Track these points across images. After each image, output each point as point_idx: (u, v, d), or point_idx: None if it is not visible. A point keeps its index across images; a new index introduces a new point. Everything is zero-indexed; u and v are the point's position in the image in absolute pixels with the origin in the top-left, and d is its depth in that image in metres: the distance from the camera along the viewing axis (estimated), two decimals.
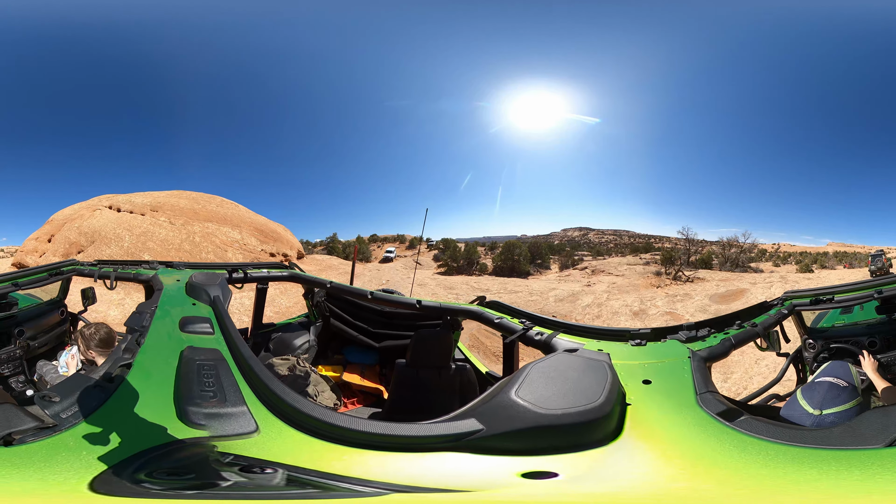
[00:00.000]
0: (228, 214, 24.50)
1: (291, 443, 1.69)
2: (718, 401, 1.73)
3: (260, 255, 22.55)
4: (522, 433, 1.57)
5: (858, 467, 1.33)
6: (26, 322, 3.74)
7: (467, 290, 18.15)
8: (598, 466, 1.49)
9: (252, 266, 3.85)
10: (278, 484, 1.55)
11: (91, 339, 3.00)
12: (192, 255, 19.89)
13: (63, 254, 20.71)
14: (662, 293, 19.58)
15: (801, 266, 34.34)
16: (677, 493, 1.37)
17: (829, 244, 46.49)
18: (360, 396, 4.09)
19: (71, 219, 23.16)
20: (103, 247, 20.15)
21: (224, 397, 1.88)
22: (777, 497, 1.31)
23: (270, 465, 1.60)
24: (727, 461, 1.44)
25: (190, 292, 2.88)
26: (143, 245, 20.16)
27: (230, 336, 2.33)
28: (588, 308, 17.24)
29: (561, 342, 2.34)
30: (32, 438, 1.57)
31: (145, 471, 1.53)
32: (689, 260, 30.76)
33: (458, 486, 1.45)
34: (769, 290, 17.28)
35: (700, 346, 2.23)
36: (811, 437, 1.51)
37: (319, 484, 1.52)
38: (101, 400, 1.80)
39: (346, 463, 1.58)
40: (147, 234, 20.91)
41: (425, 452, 1.58)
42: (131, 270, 3.57)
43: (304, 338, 4.29)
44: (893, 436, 1.41)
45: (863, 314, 3.05)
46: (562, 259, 32.47)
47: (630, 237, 44.75)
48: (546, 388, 1.71)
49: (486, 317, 2.88)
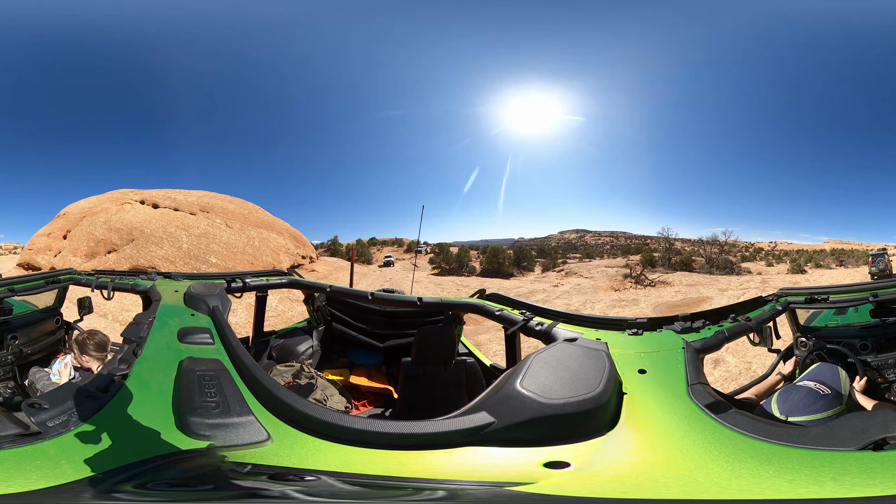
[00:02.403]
0: (268, 220, 24.56)
1: (310, 449, 1.70)
2: (708, 393, 1.79)
3: (297, 258, 22.75)
4: (530, 423, 1.63)
5: (821, 468, 1.38)
6: (20, 328, 3.72)
7: (452, 286, 23.29)
8: (600, 456, 1.55)
9: (250, 274, 3.85)
10: (343, 490, 1.55)
11: (85, 344, 3.00)
12: (255, 259, 19.40)
13: (87, 252, 18.91)
14: (614, 297, 20.31)
15: (793, 266, 33.31)
16: (657, 486, 1.43)
17: (826, 241, 46.63)
18: (370, 398, 4.06)
19: (91, 212, 21.22)
20: (152, 246, 18.46)
21: (228, 407, 1.89)
22: (729, 492, 1.36)
23: (309, 473, 1.60)
24: (704, 453, 1.51)
25: (188, 303, 2.88)
26: (207, 247, 19.07)
27: (231, 345, 2.34)
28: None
29: (561, 332, 2.39)
30: (10, 445, 1.56)
31: (140, 481, 1.52)
32: (671, 261, 30.83)
33: (494, 479, 1.50)
34: (741, 297, 16.59)
35: (694, 337, 2.27)
36: (787, 435, 1.55)
37: (384, 485, 1.54)
38: (94, 410, 1.80)
39: (380, 465, 1.60)
40: (208, 236, 19.83)
41: (447, 448, 1.62)
42: (129, 281, 3.57)
43: (307, 343, 4.28)
44: (867, 440, 1.43)
45: (857, 316, 3.05)
46: (546, 262, 34.11)
47: (627, 239, 44.79)
48: (548, 377, 1.77)
49: (487, 309, 2.91)
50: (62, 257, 19.01)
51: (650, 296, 20.25)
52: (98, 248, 18.99)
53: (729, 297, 17.79)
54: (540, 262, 33.76)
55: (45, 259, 19.27)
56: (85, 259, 18.79)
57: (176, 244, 18.81)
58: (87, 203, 22.59)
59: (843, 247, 42.96)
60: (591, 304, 18.33)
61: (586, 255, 39.57)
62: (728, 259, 34.11)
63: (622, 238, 46.30)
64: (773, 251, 45.77)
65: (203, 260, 18.46)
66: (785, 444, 1.49)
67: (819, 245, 45.75)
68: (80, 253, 19.20)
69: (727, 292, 19.22)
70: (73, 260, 18.57)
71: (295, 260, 22.48)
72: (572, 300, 19.20)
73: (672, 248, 33.72)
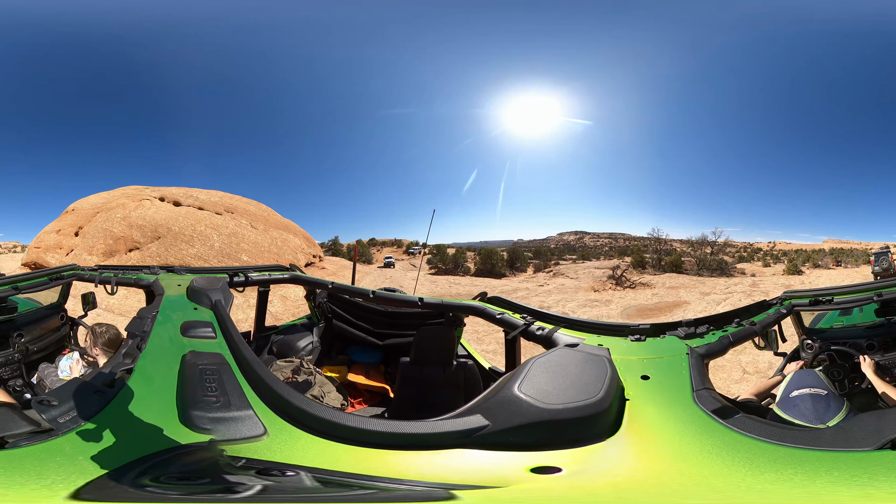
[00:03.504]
0: (284, 222, 24.94)
1: (303, 445, 1.70)
2: (714, 398, 1.76)
3: (310, 257, 23.23)
4: (525, 428, 1.60)
5: (843, 469, 1.35)
6: (25, 326, 3.73)
7: (445, 284, 25.04)
8: (597, 462, 1.51)
9: (253, 269, 3.85)
10: (310, 487, 1.55)
11: (100, 336, 3.00)
12: (279, 258, 19.54)
13: (105, 251, 17.87)
14: (590, 297, 20.42)
15: (789, 267, 32.81)
16: (665, 490, 1.40)
17: (825, 241, 46.65)
18: (366, 396, 4.07)
19: (105, 208, 20.44)
20: (182, 244, 18.06)
21: (228, 401, 1.89)
22: (750, 496, 1.33)
23: (291, 468, 1.60)
24: (715, 459, 1.47)
25: (191, 297, 2.87)
26: (237, 246, 19.03)
27: (233, 340, 2.33)
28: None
29: (562, 337, 2.37)
30: (27, 442, 1.56)
31: (151, 475, 1.52)
32: (661, 262, 30.67)
33: (475, 482, 1.48)
34: (722, 303, 16.40)
35: (698, 342, 2.25)
36: (801, 438, 1.52)
37: (349, 484, 1.53)
38: (101, 405, 1.80)
39: (363, 463, 1.59)
40: (237, 236, 19.77)
41: (436, 450, 1.61)
42: (132, 276, 3.56)
43: (307, 339, 4.29)
44: (885, 439, 1.40)
45: (862, 316, 3.06)
46: (539, 263, 35.25)
47: (626, 240, 44.82)
48: (548, 382, 1.74)
49: (488, 312, 2.89)
50: (75, 256, 18.03)
51: (625, 297, 20.13)
52: (117, 246, 18.13)
53: (708, 301, 17.34)
54: (533, 264, 34.84)
55: (55, 258, 18.17)
56: (102, 257, 17.80)
57: (207, 243, 18.61)
58: (99, 199, 21.80)
59: (842, 246, 42.94)
60: (565, 302, 18.31)
61: (583, 256, 40.10)
62: (722, 260, 33.83)
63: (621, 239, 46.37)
64: (772, 251, 45.75)
65: (235, 258, 18.35)
66: (802, 447, 1.45)
67: (818, 244, 45.78)
68: (96, 251, 18.03)
69: (709, 296, 18.74)
70: (87, 258, 17.50)
71: (308, 259, 22.77)
72: (549, 299, 19.30)
73: (663, 249, 33.56)
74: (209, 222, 20.04)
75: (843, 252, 39.52)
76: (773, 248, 47.14)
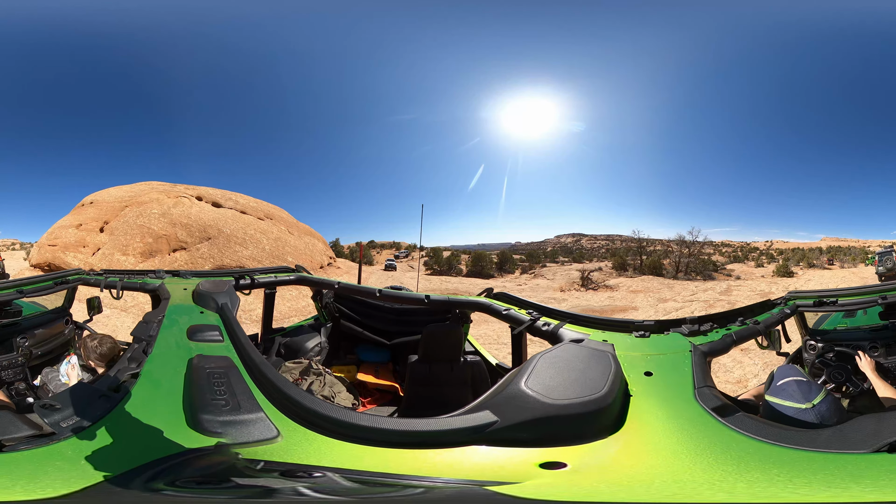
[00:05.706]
0: (308, 228, 25.56)
1: (318, 446, 1.70)
2: (715, 396, 1.78)
3: (329, 259, 23.86)
4: (532, 423, 1.62)
5: (831, 470, 1.36)
6: (30, 330, 3.73)
7: (438, 283, 26.73)
8: (601, 458, 1.54)
9: (259, 271, 3.85)
10: (350, 488, 1.55)
11: (92, 350, 2.96)
12: (312, 261, 19.93)
13: (144, 251, 15.60)
14: (552, 296, 21.17)
15: (779, 268, 31.58)
16: (656, 487, 1.42)
17: (822, 239, 46.77)
18: (376, 395, 4.07)
19: (136, 202, 18.96)
20: (236, 246, 17.56)
21: (238, 404, 1.89)
22: (735, 494, 1.34)
23: (316, 469, 1.60)
24: (707, 456, 1.49)
25: (197, 300, 2.88)
26: (282, 249, 19.09)
27: (240, 343, 2.33)
28: None
29: (567, 333, 2.39)
30: (26, 446, 1.55)
31: (165, 479, 1.52)
32: (641, 264, 30.58)
33: (492, 478, 1.49)
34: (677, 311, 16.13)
35: (702, 340, 2.26)
36: (798, 439, 1.53)
37: (389, 483, 1.54)
38: (106, 409, 1.79)
39: (384, 462, 1.60)
40: (281, 241, 19.92)
41: (451, 447, 1.62)
42: (138, 280, 3.56)
43: (315, 340, 4.28)
44: (883, 442, 1.40)
45: (866, 318, 3.06)
46: (526, 265, 36.77)
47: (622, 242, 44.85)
48: (553, 378, 1.75)
49: (495, 308, 2.91)
50: (105, 256, 15.21)
51: (581, 299, 20.63)
52: (158, 245, 16.06)
53: (660, 309, 17.15)
54: (521, 266, 36.29)
55: (78, 258, 15.42)
56: (141, 259, 15.58)
57: (259, 246, 18.51)
58: (121, 191, 20.26)
59: (839, 244, 42.99)
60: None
61: (576, 259, 40.61)
62: (708, 261, 33.23)
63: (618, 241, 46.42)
64: (769, 250, 45.75)
65: (282, 259, 18.42)
66: (796, 448, 1.47)
67: (816, 243, 45.88)
68: (132, 250, 15.48)
69: (666, 303, 18.45)
70: (123, 260, 15.16)
71: (327, 261, 23.30)
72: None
73: (646, 250, 33.34)
74: (257, 227, 20.16)
75: (840, 250, 39.55)
76: (770, 247, 47.17)
